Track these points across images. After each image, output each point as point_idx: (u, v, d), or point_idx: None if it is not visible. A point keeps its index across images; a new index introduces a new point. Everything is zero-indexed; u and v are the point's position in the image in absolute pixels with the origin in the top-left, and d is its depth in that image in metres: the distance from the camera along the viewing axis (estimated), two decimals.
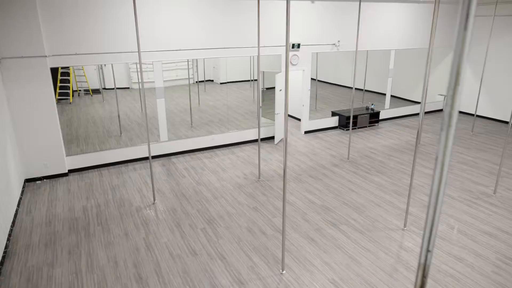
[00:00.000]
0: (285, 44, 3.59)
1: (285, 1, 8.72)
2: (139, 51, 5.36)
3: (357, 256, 4.87)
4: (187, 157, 8.35)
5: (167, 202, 6.29)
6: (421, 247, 1.36)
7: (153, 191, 6.26)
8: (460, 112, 12.30)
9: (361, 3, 9.68)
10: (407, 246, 5.10)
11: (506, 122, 11.05)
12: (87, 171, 7.58)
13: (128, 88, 7.98)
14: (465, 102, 12.12)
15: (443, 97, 12.42)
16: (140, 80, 5.60)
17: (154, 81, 7.83)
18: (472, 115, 11.91)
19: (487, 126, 10.79)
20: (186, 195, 6.56)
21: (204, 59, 8.57)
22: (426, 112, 12.36)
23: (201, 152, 8.67)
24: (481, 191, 6.73)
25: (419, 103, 12.11)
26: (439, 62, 12.17)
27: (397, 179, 7.20)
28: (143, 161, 8.08)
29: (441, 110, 12.56)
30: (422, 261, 1.35)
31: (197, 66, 8.62)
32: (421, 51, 11.55)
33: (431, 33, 4.67)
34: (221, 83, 9.22)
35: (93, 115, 7.69)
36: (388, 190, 6.74)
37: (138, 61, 7.51)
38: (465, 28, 1.13)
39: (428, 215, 1.30)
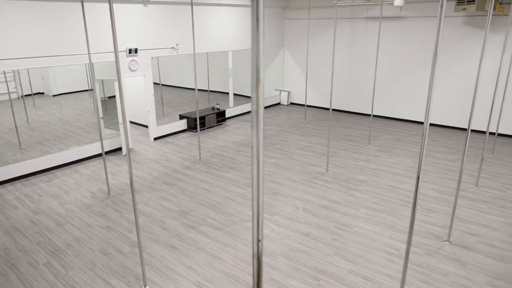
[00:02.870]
0: (114, 50, 3.40)
1: (117, 5, 8.26)
2: None
3: (218, 253, 5.00)
4: (18, 184, 7.18)
5: None
6: (252, 238, 1.44)
7: None
8: (294, 104, 13.82)
9: (194, 6, 9.90)
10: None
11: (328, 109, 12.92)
12: None
13: None
14: (297, 95, 13.68)
15: (279, 91, 13.76)
16: None
17: None
18: (304, 105, 13.52)
19: (316, 114, 12.40)
20: (21, 228, 5.64)
21: (28, 69, 7.46)
22: (265, 107, 13.47)
23: (36, 176, 7.57)
24: (317, 171, 7.70)
25: None
26: (272, 59, 13.39)
27: (247, 172, 7.65)
28: None
29: (278, 103, 13.86)
30: (255, 250, 1.43)
31: (19, 77, 7.45)
32: None
33: None
34: (54, 95, 8.19)
35: None
36: (240, 184, 7.11)
37: None
38: (257, 29, 1.23)
39: (253, 206, 1.39)
